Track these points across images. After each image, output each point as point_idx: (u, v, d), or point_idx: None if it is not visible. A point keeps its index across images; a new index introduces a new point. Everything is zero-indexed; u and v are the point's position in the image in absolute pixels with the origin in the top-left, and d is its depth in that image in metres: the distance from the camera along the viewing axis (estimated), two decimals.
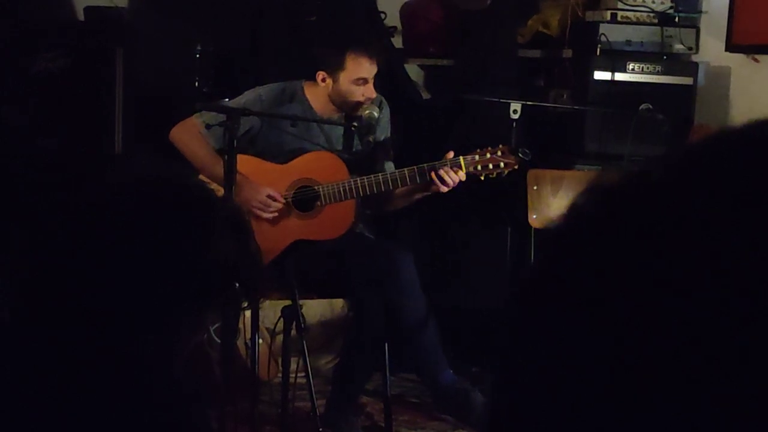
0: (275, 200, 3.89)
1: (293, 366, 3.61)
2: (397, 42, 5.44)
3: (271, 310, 3.96)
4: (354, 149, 4.08)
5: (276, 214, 3.90)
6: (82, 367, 1.23)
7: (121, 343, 1.25)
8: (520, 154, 3.87)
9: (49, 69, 4.72)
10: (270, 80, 4.16)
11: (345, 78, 3.92)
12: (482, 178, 3.86)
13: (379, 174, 3.89)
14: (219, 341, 3.59)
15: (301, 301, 3.51)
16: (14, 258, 1.32)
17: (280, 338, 3.68)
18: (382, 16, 5.35)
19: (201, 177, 3.86)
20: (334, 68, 3.93)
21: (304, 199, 3.94)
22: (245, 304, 3.48)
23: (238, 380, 3.65)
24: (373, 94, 3.96)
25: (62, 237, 1.29)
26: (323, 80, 3.96)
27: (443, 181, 3.78)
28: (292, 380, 3.65)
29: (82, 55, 4.76)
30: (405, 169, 3.86)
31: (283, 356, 3.66)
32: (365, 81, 3.92)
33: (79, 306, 1.24)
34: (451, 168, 3.79)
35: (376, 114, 3.99)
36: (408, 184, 3.86)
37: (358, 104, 3.95)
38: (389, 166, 4.05)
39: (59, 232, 1.29)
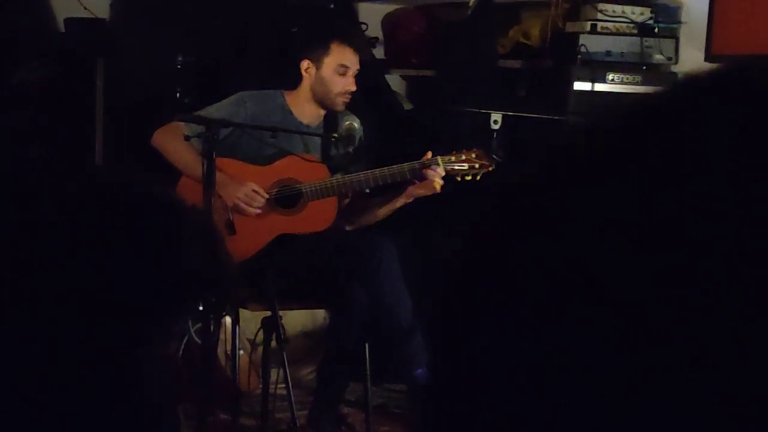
0: (259, 194, 3.92)
1: (273, 377, 3.61)
2: (379, 53, 5.46)
3: (252, 321, 3.95)
4: (332, 158, 4.12)
5: (260, 210, 3.93)
6: (48, 374, 1.23)
7: (89, 351, 1.25)
8: (493, 156, 4.01)
9: (29, 80, 4.71)
10: (251, 90, 4.19)
11: (329, 63, 4.01)
12: (459, 179, 3.95)
13: (360, 173, 3.95)
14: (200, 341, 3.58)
15: (281, 312, 3.51)
16: None
17: (261, 349, 3.68)
18: (364, 27, 5.36)
19: (184, 179, 3.91)
20: (319, 53, 4.03)
21: (286, 198, 3.99)
22: (224, 313, 3.47)
23: (218, 391, 3.65)
24: (353, 87, 4.03)
25: (27, 244, 1.29)
26: (306, 70, 4.05)
27: (423, 179, 3.88)
28: (272, 391, 3.65)
29: (62, 66, 4.75)
30: (385, 167, 3.93)
31: (264, 367, 3.66)
32: (347, 69, 4.01)
33: (42, 314, 1.24)
34: (430, 166, 3.88)
35: (356, 125, 4.07)
36: (389, 181, 3.93)
37: (339, 97, 4.02)
38: None
39: (24, 239, 1.29)
